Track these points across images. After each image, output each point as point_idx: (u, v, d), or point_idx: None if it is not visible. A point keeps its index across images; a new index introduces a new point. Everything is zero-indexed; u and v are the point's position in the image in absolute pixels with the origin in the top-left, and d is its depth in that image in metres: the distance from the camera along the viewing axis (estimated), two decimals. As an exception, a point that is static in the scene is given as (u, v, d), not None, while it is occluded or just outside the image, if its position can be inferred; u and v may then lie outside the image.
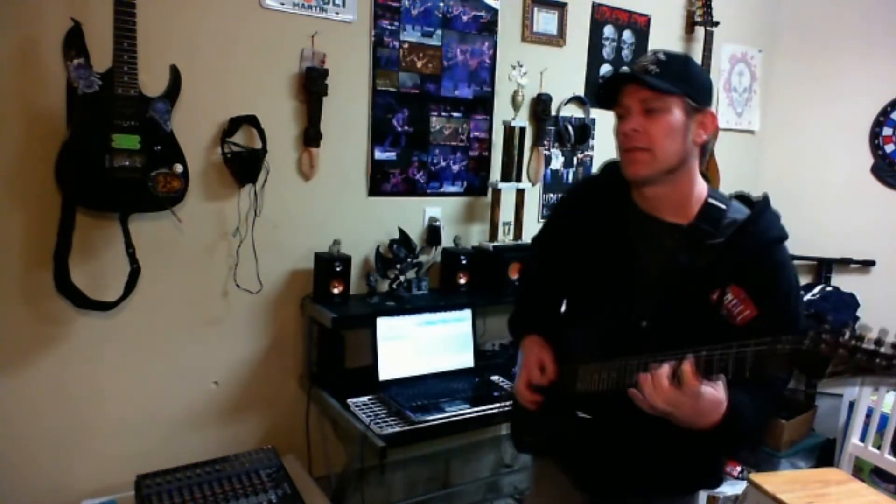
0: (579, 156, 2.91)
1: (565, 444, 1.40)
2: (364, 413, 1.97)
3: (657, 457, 1.26)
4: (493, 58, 2.57)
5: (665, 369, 1.07)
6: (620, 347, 1.23)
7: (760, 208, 1.23)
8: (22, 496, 1.89)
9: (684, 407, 1.06)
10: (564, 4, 2.75)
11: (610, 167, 1.35)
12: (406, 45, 2.35)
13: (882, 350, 0.87)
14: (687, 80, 1.21)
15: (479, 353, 2.37)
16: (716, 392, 1.06)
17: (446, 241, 2.53)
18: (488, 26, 2.54)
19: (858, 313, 3.11)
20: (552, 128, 2.79)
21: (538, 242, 1.61)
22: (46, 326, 1.87)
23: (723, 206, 1.24)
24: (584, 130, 2.85)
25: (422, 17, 2.37)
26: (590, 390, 1.29)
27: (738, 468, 2.94)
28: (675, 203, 1.26)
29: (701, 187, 1.27)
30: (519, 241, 2.62)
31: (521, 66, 2.65)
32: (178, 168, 1.86)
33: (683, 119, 1.21)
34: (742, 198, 1.31)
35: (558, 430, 1.41)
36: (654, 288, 1.24)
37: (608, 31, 2.92)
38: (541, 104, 2.70)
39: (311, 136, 2.18)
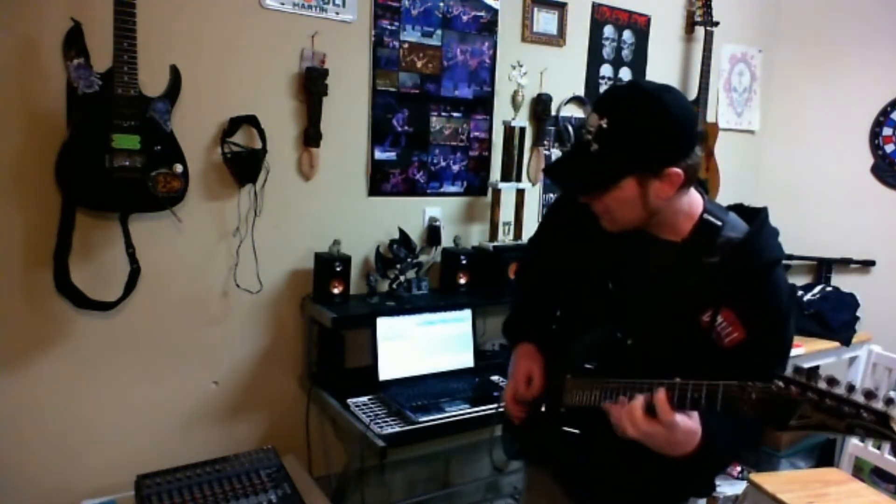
0: (579, 156, 2.90)
1: (554, 454, 1.40)
2: (364, 413, 1.97)
3: (646, 466, 1.22)
4: (493, 58, 2.57)
5: (639, 401, 1.04)
6: (607, 364, 1.22)
7: (758, 226, 1.17)
8: (22, 496, 1.89)
9: (658, 437, 1.03)
10: (564, 4, 2.75)
11: None
12: (406, 45, 2.35)
13: (853, 397, 0.84)
14: (633, 151, 1.10)
15: (479, 353, 2.37)
16: (690, 422, 1.03)
17: (446, 241, 2.53)
18: (488, 26, 2.54)
19: (858, 313, 3.11)
20: (552, 128, 2.79)
21: (533, 245, 1.59)
22: (46, 326, 1.87)
23: (718, 223, 1.18)
24: (584, 130, 2.84)
25: (422, 17, 2.37)
26: (576, 405, 1.27)
27: (738, 468, 2.94)
28: (667, 224, 1.20)
29: (694, 205, 1.20)
30: (519, 241, 2.62)
31: (521, 66, 2.65)
32: (178, 168, 1.86)
33: (636, 191, 1.12)
34: (740, 209, 1.25)
35: (546, 441, 1.40)
36: (643, 305, 1.20)
37: (608, 31, 2.92)
38: (541, 104, 2.70)
39: (311, 136, 2.18)
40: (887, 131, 3.26)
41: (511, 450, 1.58)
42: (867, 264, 3.32)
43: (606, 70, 2.93)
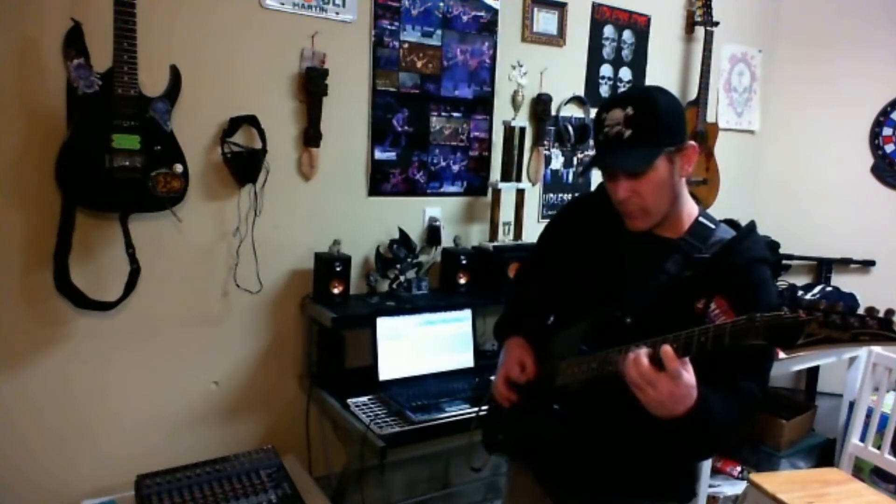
0: (579, 156, 2.91)
1: (537, 443, 1.41)
2: (364, 413, 1.97)
3: (628, 461, 1.28)
4: (493, 58, 2.57)
5: (644, 350, 1.10)
6: (603, 342, 1.26)
7: (746, 231, 1.29)
8: (22, 496, 1.89)
9: (661, 387, 1.07)
10: (564, 4, 2.75)
11: (604, 188, 1.37)
12: (406, 45, 2.35)
13: (857, 312, 0.94)
14: (661, 129, 1.23)
15: (478, 353, 2.37)
16: (689, 377, 1.08)
17: (446, 241, 2.53)
18: (488, 26, 2.54)
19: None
20: (552, 128, 2.79)
21: (532, 254, 1.64)
22: (46, 326, 1.87)
23: (712, 226, 1.31)
24: (584, 130, 2.85)
25: (422, 17, 2.37)
26: (568, 383, 1.33)
27: (738, 468, 2.94)
28: (667, 221, 1.31)
29: (691, 207, 1.34)
30: (519, 241, 2.61)
31: (521, 66, 2.65)
32: (178, 168, 1.86)
33: (668, 167, 1.26)
34: (731, 222, 1.37)
35: (532, 428, 1.43)
36: (641, 293, 1.28)
37: (608, 31, 2.92)
38: (541, 104, 2.70)
39: (311, 136, 2.18)
40: (887, 131, 3.26)
41: (492, 442, 1.59)
42: (867, 264, 3.32)
43: (606, 70, 2.93)
